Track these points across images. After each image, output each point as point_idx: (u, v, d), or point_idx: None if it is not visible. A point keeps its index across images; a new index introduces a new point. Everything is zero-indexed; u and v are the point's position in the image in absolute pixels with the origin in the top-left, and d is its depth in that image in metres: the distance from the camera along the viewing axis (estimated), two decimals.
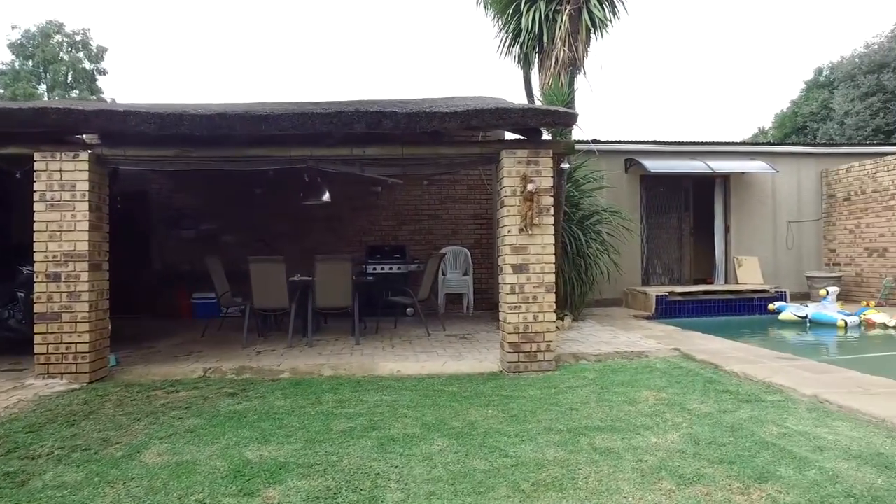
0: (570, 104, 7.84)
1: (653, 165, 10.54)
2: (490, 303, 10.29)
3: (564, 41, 7.67)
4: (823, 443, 3.40)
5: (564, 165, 7.82)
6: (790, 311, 9.29)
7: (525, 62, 8.55)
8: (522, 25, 8.21)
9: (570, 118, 5.40)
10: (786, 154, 11.80)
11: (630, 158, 11.01)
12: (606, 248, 9.00)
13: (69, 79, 28.44)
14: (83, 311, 5.30)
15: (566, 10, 7.67)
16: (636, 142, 11.21)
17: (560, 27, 7.71)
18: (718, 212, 11.73)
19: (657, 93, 56.46)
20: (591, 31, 8.06)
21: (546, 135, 7.21)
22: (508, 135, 6.37)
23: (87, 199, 5.33)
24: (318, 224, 10.50)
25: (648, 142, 11.26)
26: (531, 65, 8.54)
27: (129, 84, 43.40)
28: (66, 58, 28.48)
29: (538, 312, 5.55)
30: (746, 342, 6.87)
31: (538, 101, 8.19)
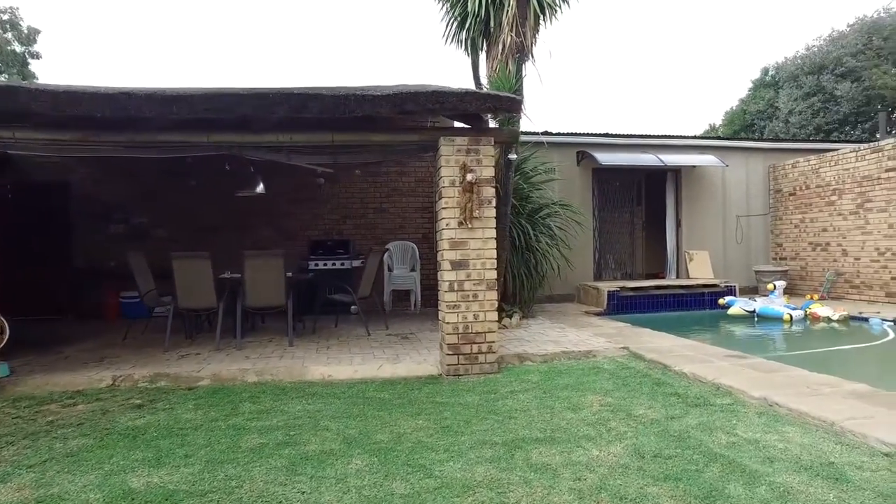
0: (518, 92, 7.50)
1: (605, 158, 10.35)
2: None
3: (512, 26, 7.32)
4: (774, 452, 3.14)
5: (511, 156, 7.49)
6: (739, 306, 9.25)
7: (472, 49, 8.17)
8: (469, 9, 7.82)
9: (514, 104, 5.06)
10: (735, 148, 11.82)
11: (582, 151, 10.80)
12: (557, 243, 8.74)
13: None
14: None
15: None
16: (588, 134, 11.00)
17: (508, 11, 7.35)
18: (670, 206, 11.66)
19: (611, 88, 57.18)
20: (541, 18, 7.73)
21: (493, 123, 6.88)
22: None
23: None
24: (259, 218, 9.91)
25: (600, 134, 11.07)
26: (479, 52, 8.16)
27: (74, 71, 41.16)
28: None
29: (479, 311, 5.19)
30: (696, 339, 6.71)
31: (485, 90, 7.83)
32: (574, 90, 54.43)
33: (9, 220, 9.29)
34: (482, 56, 8.32)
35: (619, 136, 11.15)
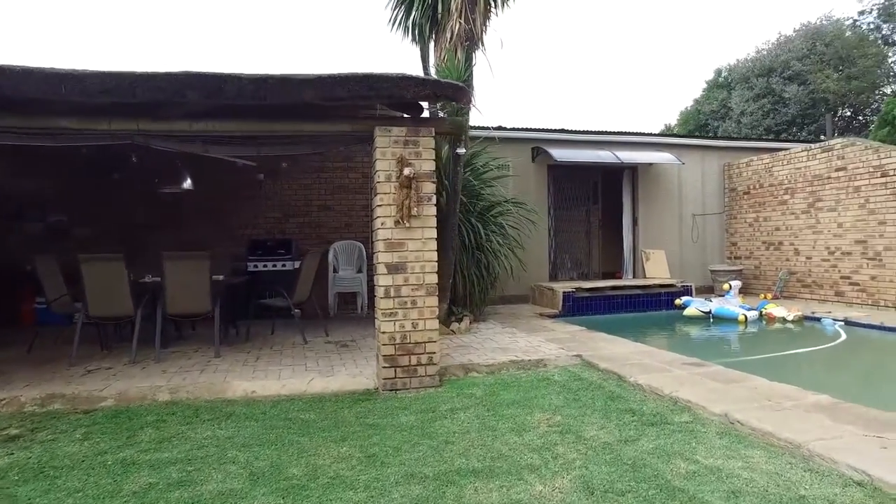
0: (468, 82, 7.06)
1: (560, 154, 10.02)
2: None
3: (461, 12, 6.87)
4: (738, 483, 2.77)
5: (460, 150, 7.05)
6: (695, 307, 9.05)
7: (420, 37, 7.68)
8: None
9: (457, 91, 4.59)
10: (691, 147, 11.67)
11: (537, 147, 10.45)
12: (510, 242, 8.35)
13: None
14: None
15: None
16: (544, 129, 10.66)
17: None
18: (626, 204, 11.44)
19: (567, 86, 57.39)
20: (492, 4, 7.31)
21: (441, 113, 6.42)
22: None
23: None
24: (194, 216, 9.18)
25: (556, 130, 10.75)
26: (427, 40, 7.68)
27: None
28: None
29: (418, 320, 4.72)
30: (653, 344, 6.40)
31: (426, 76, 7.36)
32: (529, 87, 54.44)
33: None
34: (431, 46, 7.84)
35: (576, 133, 10.84)
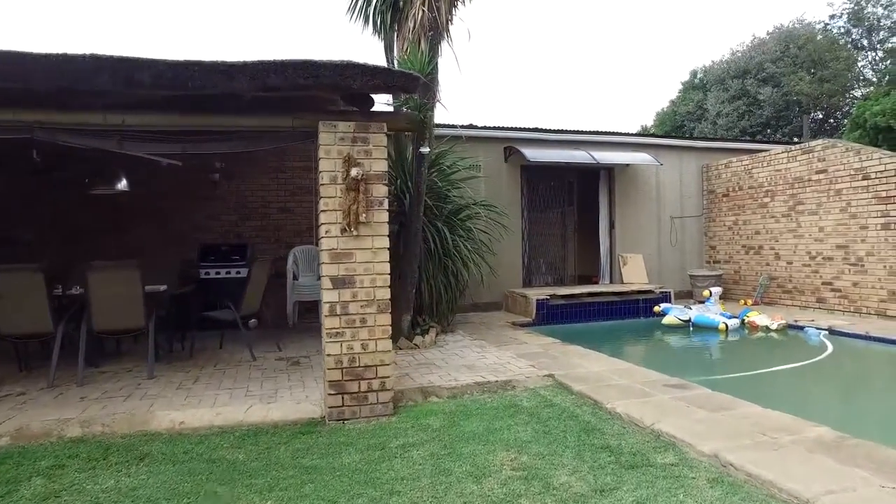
0: (432, 76, 6.53)
1: (534, 155, 9.54)
2: None
3: None
4: None
5: (424, 150, 6.53)
6: (674, 315, 8.64)
7: (381, 27, 7.13)
8: None
9: (411, 82, 4.05)
10: (669, 147, 11.30)
11: (510, 147, 9.96)
12: (479, 248, 7.83)
13: None
14: None
15: None
16: (517, 128, 10.17)
17: None
18: (603, 206, 11.01)
19: (542, 87, 57.22)
20: None
21: (404, 109, 5.87)
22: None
23: None
24: (141, 219, 8.47)
25: (530, 129, 10.27)
26: (389, 31, 7.12)
27: None
28: None
29: (368, 340, 4.16)
30: (631, 359, 5.94)
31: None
32: (503, 87, 54.13)
33: None
34: (395, 37, 7.29)
35: (550, 132, 10.38)
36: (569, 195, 11.29)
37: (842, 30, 26.64)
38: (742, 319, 8.34)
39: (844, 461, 2.95)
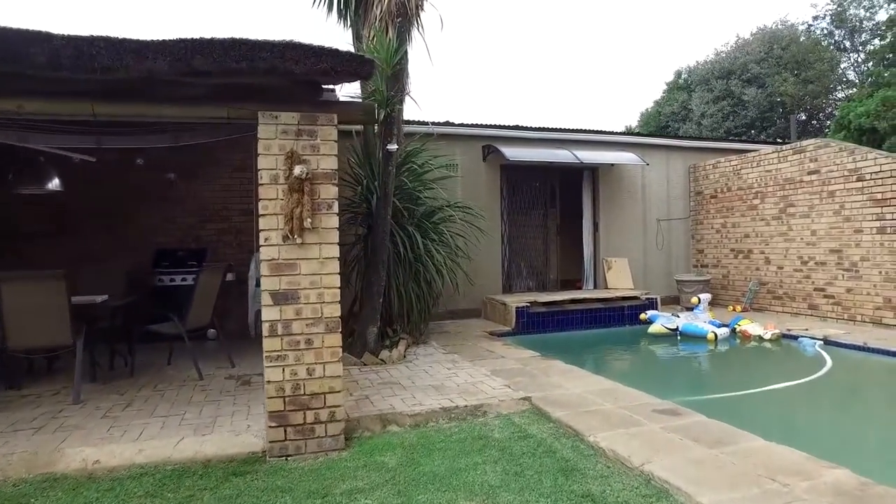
0: (401, 66, 6.00)
1: (514, 154, 9.03)
2: None
3: None
4: None
5: (391, 147, 5.99)
6: (660, 323, 8.17)
7: (345, 13, 6.59)
8: None
9: (363, 66, 3.51)
10: (655, 147, 10.85)
11: (489, 145, 9.44)
12: (452, 252, 7.31)
13: None
14: None
15: None
16: (496, 126, 9.65)
17: None
18: (587, 208, 10.54)
19: (523, 86, 56.76)
20: None
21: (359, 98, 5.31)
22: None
23: None
24: (90, 221, 7.83)
25: (510, 126, 9.76)
26: (355, 17, 6.57)
27: None
28: None
29: (314, 364, 3.61)
30: (616, 375, 5.44)
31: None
32: (483, 88, 53.74)
33: None
34: (362, 25, 6.73)
35: (531, 130, 9.88)
36: (551, 197, 10.81)
37: (825, 31, 26.58)
38: (733, 328, 7.90)
39: None
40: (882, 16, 24.06)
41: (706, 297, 8.49)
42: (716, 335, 7.65)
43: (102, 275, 6.93)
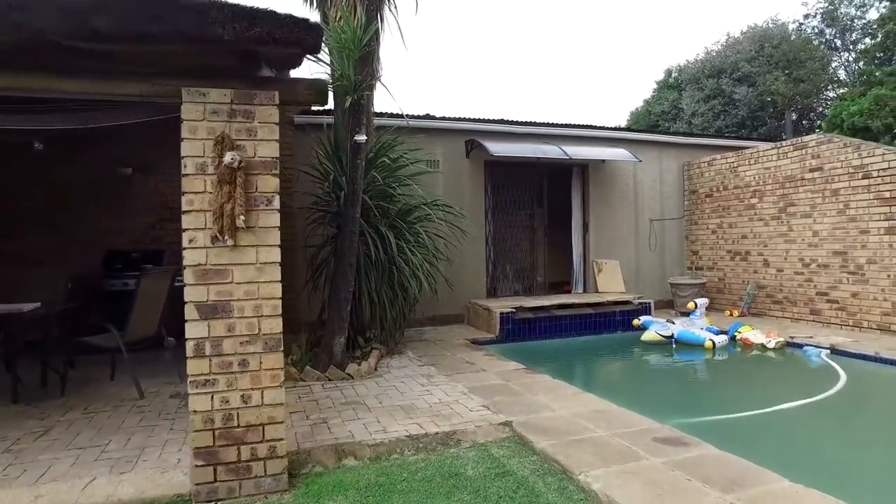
0: (369, 49, 5.40)
1: (498, 149, 8.46)
2: (293, 325, 7.67)
3: None
4: None
5: (360, 138, 5.40)
6: (655, 330, 7.63)
7: None
8: None
9: (308, 34, 2.91)
10: (647, 143, 10.32)
11: (472, 140, 8.87)
12: (431, 254, 6.73)
13: None
14: None
15: None
16: (480, 120, 9.08)
17: None
18: (576, 207, 10.00)
19: (510, 85, 56.26)
20: None
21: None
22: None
23: None
24: (35, 220, 7.17)
25: (494, 120, 9.19)
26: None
27: None
28: None
29: (251, 390, 3.01)
30: (608, 391, 4.85)
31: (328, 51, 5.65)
32: (467, 86, 53.25)
33: None
34: (328, 5, 6.13)
35: (517, 124, 9.31)
36: (539, 195, 10.27)
37: (815, 30, 26.31)
38: (732, 336, 7.39)
39: None
40: (873, 14, 23.80)
41: (703, 302, 7.97)
42: (714, 343, 7.13)
43: (41, 279, 6.28)
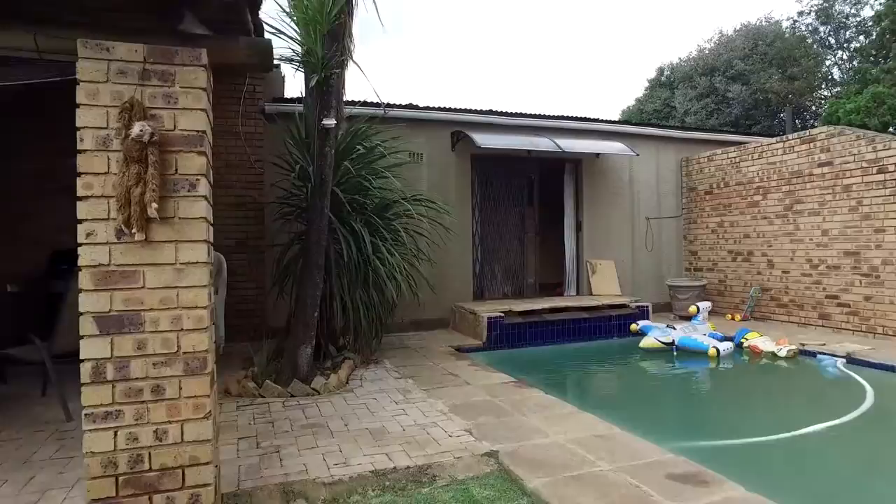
0: (340, 22, 4.78)
1: (486, 140, 7.86)
2: (263, 330, 7.04)
3: None
4: None
5: (328, 122, 4.78)
6: (654, 336, 7.07)
7: None
8: None
9: None
10: (644, 137, 9.76)
11: (458, 132, 8.26)
12: (412, 252, 6.13)
13: None
14: None
15: None
16: (467, 110, 8.47)
17: None
18: (569, 205, 9.43)
19: (500, 85, 55.71)
20: None
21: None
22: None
23: None
24: None
25: (483, 111, 8.59)
26: None
27: None
28: None
29: (167, 424, 2.39)
30: (610, 413, 4.25)
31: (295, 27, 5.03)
32: (455, 82, 52.86)
33: None
34: None
35: (507, 115, 8.72)
36: (529, 192, 9.68)
37: (810, 27, 25.98)
38: (739, 343, 6.84)
39: None
40: (868, 12, 23.47)
41: (706, 306, 7.42)
42: (718, 351, 6.58)
43: None
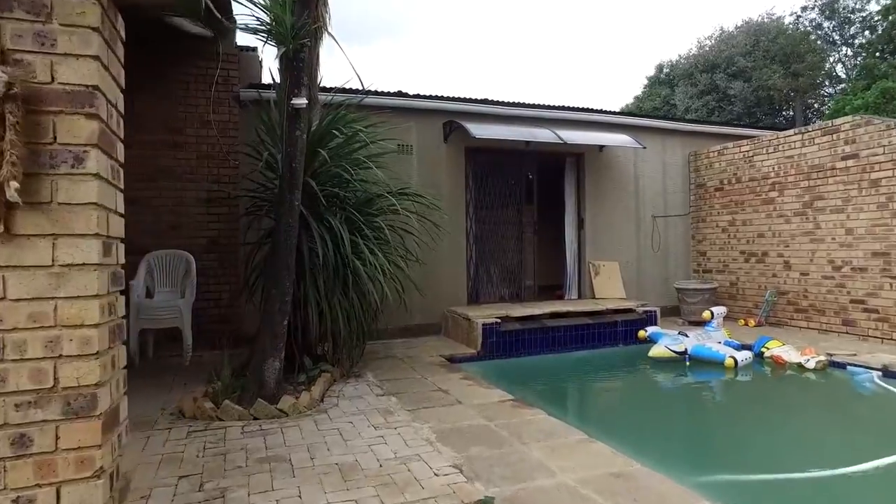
0: None
1: (481, 131, 7.23)
2: (235, 336, 6.41)
3: None
4: None
5: (298, 102, 4.14)
6: (664, 345, 6.45)
7: None
8: None
9: None
10: (650, 129, 9.12)
11: (451, 122, 7.63)
12: (398, 252, 5.49)
13: None
14: None
15: None
16: (461, 99, 7.84)
17: None
18: (570, 202, 8.81)
19: (498, 84, 55.26)
20: None
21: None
22: None
23: None
24: None
25: (478, 100, 7.95)
26: None
27: None
28: None
29: (35, 489, 1.73)
30: (624, 441, 3.63)
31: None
32: (448, 76, 52.41)
33: None
34: None
35: (504, 105, 8.09)
36: (528, 188, 9.04)
37: (814, 23, 25.46)
38: (759, 352, 6.23)
39: None
40: (874, 6, 22.94)
41: (721, 311, 6.80)
42: (735, 361, 5.97)
43: None
